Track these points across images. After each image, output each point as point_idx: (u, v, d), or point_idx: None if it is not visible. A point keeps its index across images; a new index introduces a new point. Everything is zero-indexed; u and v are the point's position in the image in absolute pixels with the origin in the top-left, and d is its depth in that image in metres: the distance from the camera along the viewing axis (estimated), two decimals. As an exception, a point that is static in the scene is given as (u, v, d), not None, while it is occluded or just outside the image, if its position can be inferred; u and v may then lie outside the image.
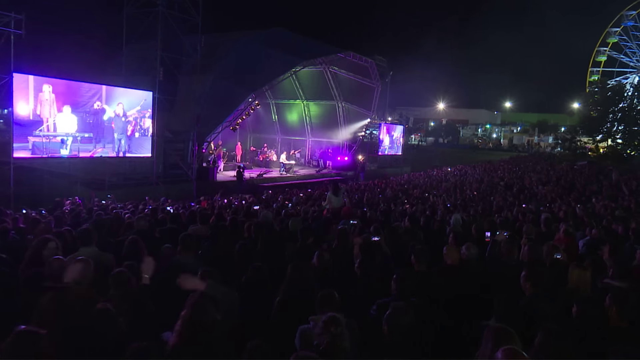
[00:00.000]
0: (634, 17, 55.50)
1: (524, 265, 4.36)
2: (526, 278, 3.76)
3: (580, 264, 4.10)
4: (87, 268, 3.41)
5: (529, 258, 4.52)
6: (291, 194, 19.35)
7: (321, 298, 3.16)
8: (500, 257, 4.82)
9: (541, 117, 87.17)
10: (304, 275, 3.57)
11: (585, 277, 3.98)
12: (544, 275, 3.78)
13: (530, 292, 3.73)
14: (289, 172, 26.97)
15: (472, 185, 24.03)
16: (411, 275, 3.53)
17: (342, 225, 6.21)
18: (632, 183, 23.70)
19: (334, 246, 5.18)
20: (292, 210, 10.34)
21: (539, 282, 3.72)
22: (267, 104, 32.38)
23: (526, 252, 4.62)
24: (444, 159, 46.97)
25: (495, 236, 4.91)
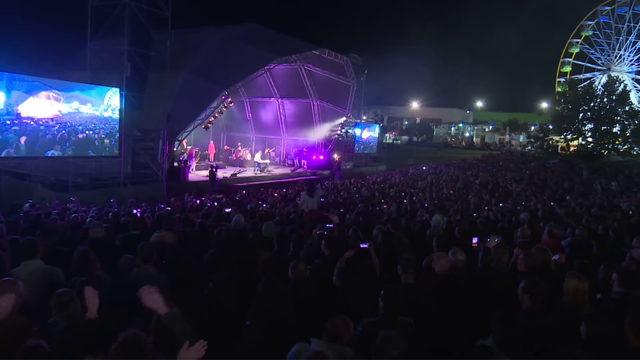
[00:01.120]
0: (592, 27, 57.19)
1: (520, 275, 4.06)
2: (525, 290, 3.44)
3: (577, 274, 3.81)
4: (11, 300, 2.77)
5: (525, 267, 4.21)
6: (266, 194, 18.87)
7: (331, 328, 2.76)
8: (492, 265, 4.49)
9: (511, 116, 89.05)
10: (277, 294, 3.14)
11: (582, 289, 3.69)
12: (543, 287, 3.46)
13: (527, 304, 3.41)
14: (263, 172, 26.43)
15: (448, 184, 24.03)
16: (400, 292, 3.15)
17: (320, 230, 5.81)
18: (602, 181, 24.15)
19: (314, 256, 4.75)
20: (266, 212, 9.85)
21: (539, 295, 3.40)
22: (241, 101, 31.71)
23: (522, 260, 4.30)
24: (419, 157, 47.20)
25: (487, 243, 4.57)
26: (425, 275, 4.20)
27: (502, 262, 4.77)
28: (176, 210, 12.11)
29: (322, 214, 9.16)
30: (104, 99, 17.21)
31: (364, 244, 4.77)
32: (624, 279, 4.01)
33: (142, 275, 3.82)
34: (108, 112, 17.37)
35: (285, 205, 12.17)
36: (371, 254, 4.77)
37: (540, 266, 4.23)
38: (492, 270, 4.33)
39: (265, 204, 12.88)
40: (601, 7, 56.12)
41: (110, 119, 17.54)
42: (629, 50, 55.37)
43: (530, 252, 4.31)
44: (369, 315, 3.19)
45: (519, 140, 76.04)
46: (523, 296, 3.43)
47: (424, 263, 4.70)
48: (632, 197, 18.03)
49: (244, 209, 11.83)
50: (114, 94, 17.45)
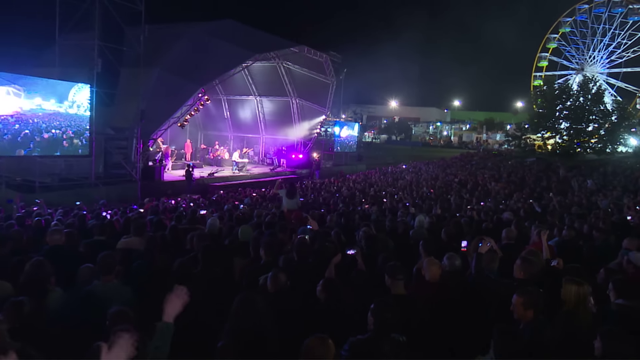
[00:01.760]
0: (570, 24, 58.38)
1: (518, 282, 3.79)
2: (524, 303, 3.13)
3: (575, 279, 3.55)
4: None
5: (524, 274, 3.92)
6: (244, 194, 18.42)
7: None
8: (486, 272, 4.20)
9: (488, 116, 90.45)
10: (255, 312, 2.77)
11: (584, 295, 3.44)
12: (543, 299, 3.17)
13: (529, 319, 3.11)
14: (241, 171, 25.91)
15: (428, 183, 23.97)
16: (392, 307, 2.83)
17: (301, 234, 5.46)
18: (578, 178, 24.44)
19: (295, 263, 4.36)
20: (243, 213, 9.43)
21: (540, 308, 3.12)
22: (219, 99, 31.07)
23: (520, 266, 4.00)
24: (398, 156, 47.25)
25: (479, 248, 4.28)
26: (416, 284, 3.89)
27: (493, 267, 4.52)
28: (149, 212, 11.60)
29: (302, 215, 8.81)
30: (68, 95, 16.37)
31: (351, 250, 4.43)
32: (622, 290, 3.77)
33: (102, 289, 3.41)
34: (74, 109, 16.54)
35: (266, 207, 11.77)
36: (358, 262, 4.44)
37: (539, 272, 3.96)
38: (488, 278, 4.05)
39: (242, 204, 12.46)
40: (579, 5, 57.18)
41: (77, 116, 16.70)
42: (602, 52, 56.65)
43: (529, 257, 4.04)
44: (357, 331, 2.87)
45: (495, 138, 77.11)
46: (526, 312, 3.12)
47: (414, 270, 4.40)
48: (608, 194, 18.19)
49: (221, 210, 11.40)
50: (80, 90, 16.63)
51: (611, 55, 56.55)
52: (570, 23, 58.72)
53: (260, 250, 4.44)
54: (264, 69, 28.67)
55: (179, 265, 3.84)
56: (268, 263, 4.24)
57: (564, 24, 59.27)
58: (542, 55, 60.83)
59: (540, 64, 60.80)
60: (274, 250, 4.41)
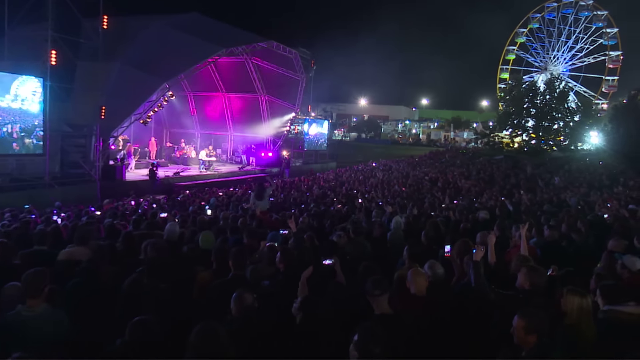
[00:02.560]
0: (538, 20, 59.84)
1: (523, 294, 3.38)
2: (526, 327, 2.69)
3: (578, 290, 3.20)
4: None
5: (530, 284, 3.48)
6: (211, 194, 17.69)
7: None
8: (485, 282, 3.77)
9: (455, 114, 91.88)
10: (216, 344, 2.25)
11: (587, 308, 3.09)
12: (547, 321, 2.75)
13: (531, 344, 2.68)
14: (209, 170, 25.09)
15: (399, 181, 23.80)
16: (379, 338, 2.35)
17: (271, 241, 4.94)
18: (546, 176, 24.80)
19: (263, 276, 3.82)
20: (208, 216, 8.81)
21: (545, 331, 2.71)
22: (185, 96, 30.11)
23: (526, 276, 3.52)
24: (368, 154, 47.21)
25: (474, 255, 3.84)
26: (402, 299, 3.43)
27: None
28: (108, 215, 10.82)
29: (271, 217, 8.26)
30: (9, 88, 15.13)
31: (328, 260, 3.94)
32: (610, 296, 3.44)
33: (24, 317, 2.79)
34: (17, 104, 15.25)
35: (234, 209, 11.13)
36: (337, 273, 3.96)
37: (545, 282, 3.55)
38: (489, 290, 3.59)
39: (208, 205, 11.80)
40: (548, 3, 58.61)
41: (21, 111, 15.45)
42: (565, 53, 58.24)
43: (534, 266, 3.62)
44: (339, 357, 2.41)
45: (463, 137, 78.37)
46: (526, 336, 2.69)
47: (395, 278, 3.96)
48: (576, 191, 18.40)
49: (185, 212, 10.73)
50: (23, 83, 15.37)
51: (573, 58, 58.22)
52: (539, 19, 60.12)
53: (223, 260, 3.89)
54: (232, 64, 27.94)
55: (130, 282, 3.26)
56: (237, 277, 3.71)
57: (533, 19, 60.66)
58: (510, 49, 62.06)
59: (508, 57, 62.01)
60: (244, 261, 3.87)
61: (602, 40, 56.36)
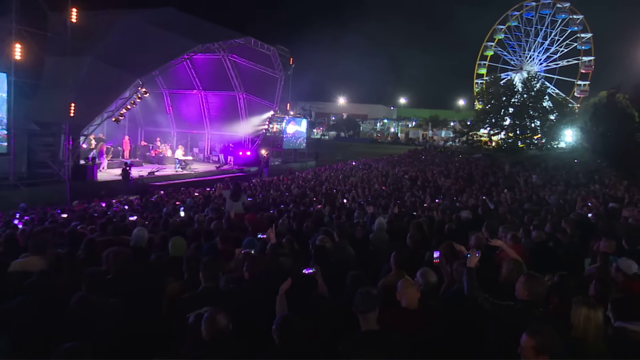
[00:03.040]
0: (517, 18, 60.79)
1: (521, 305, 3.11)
2: (536, 347, 2.41)
3: (586, 301, 2.95)
4: None
5: (529, 294, 3.20)
6: (187, 195, 17.15)
7: None
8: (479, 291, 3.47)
9: (432, 113, 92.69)
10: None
11: (597, 321, 2.84)
12: (559, 340, 2.48)
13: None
14: (185, 169, 24.45)
15: (379, 179, 23.63)
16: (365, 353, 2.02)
17: (247, 247, 4.56)
18: (524, 174, 24.98)
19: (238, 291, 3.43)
20: (181, 218, 8.35)
21: (557, 351, 2.44)
22: (160, 93, 29.34)
23: (524, 285, 3.20)
24: (347, 152, 47.07)
25: (468, 260, 3.53)
26: (392, 314, 3.11)
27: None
28: (76, 217, 10.27)
29: (257, 218, 7.81)
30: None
31: (309, 269, 3.60)
32: (622, 311, 3.20)
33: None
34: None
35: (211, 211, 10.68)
36: (319, 284, 3.63)
37: (545, 292, 3.27)
38: (484, 300, 3.30)
39: (183, 206, 11.32)
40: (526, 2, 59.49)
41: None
42: (540, 54, 59.20)
43: (534, 274, 3.35)
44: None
45: (441, 135, 79.06)
46: (536, 357, 2.40)
47: (379, 286, 3.65)
48: (554, 189, 18.50)
49: (158, 214, 10.25)
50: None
51: (547, 60, 59.20)
52: (517, 17, 61.00)
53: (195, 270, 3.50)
54: (208, 61, 27.36)
55: (78, 299, 2.84)
56: (208, 291, 3.34)
57: (499, 30, 61.67)
58: (488, 45, 62.80)
59: (486, 53, 62.73)
60: (215, 273, 3.50)
61: (577, 45, 57.43)
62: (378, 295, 2.82)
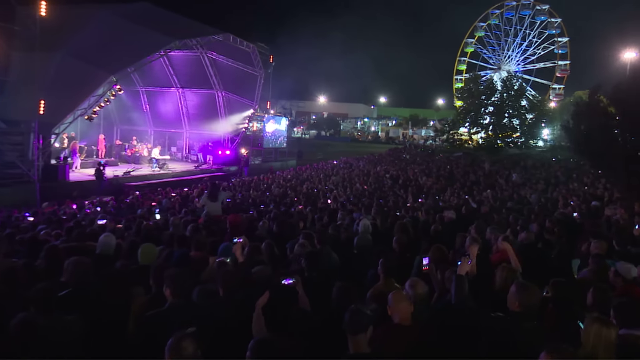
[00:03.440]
0: (497, 17, 61.56)
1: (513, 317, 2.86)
2: None
3: (600, 317, 2.71)
4: None
5: (520, 305, 2.90)
6: (164, 195, 16.62)
7: None
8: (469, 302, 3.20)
9: (412, 112, 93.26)
10: None
11: (609, 339, 2.60)
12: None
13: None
14: (162, 169, 23.81)
15: (360, 179, 23.45)
16: None
17: (223, 254, 4.21)
18: (503, 173, 25.12)
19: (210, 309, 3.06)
20: (156, 220, 7.93)
21: None
22: (136, 91, 28.59)
23: (516, 295, 2.94)
24: (328, 151, 46.89)
25: (458, 267, 3.28)
26: (382, 332, 2.81)
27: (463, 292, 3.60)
28: (44, 220, 9.76)
29: (239, 218, 7.43)
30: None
31: (288, 280, 3.28)
32: (627, 317, 3.00)
33: None
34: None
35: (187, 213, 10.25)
36: (300, 296, 3.32)
37: (539, 303, 3.04)
38: (473, 312, 3.05)
39: (159, 207, 10.87)
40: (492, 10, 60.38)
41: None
42: (516, 51, 60.05)
43: (526, 284, 3.11)
44: None
45: (421, 134, 79.59)
46: None
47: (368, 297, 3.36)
48: (534, 187, 18.56)
49: (133, 215, 9.79)
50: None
51: (525, 61, 60.11)
52: (485, 27, 62.00)
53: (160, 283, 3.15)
54: (186, 58, 26.76)
55: (20, 321, 2.44)
56: (175, 308, 2.98)
57: (480, 28, 62.43)
58: (462, 60, 63.71)
59: (460, 68, 63.70)
60: (183, 288, 3.14)
61: (554, 48, 58.45)
62: (371, 315, 2.53)
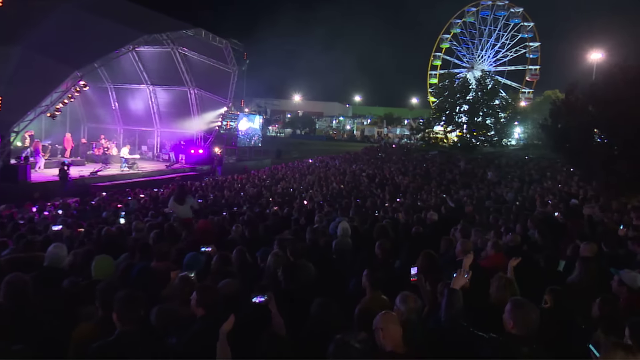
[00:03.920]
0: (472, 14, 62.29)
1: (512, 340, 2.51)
2: None
3: (623, 343, 2.39)
4: None
5: (515, 327, 2.55)
6: (133, 196, 15.90)
7: None
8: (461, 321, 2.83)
9: (387, 111, 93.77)
10: None
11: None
12: None
13: None
14: (132, 168, 22.95)
15: (336, 178, 23.13)
16: None
17: (187, 267, 3.74)
18: (478, 171, 25.21)
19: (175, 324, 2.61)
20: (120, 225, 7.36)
21: None
22: (104, 88, 27.56)
23: (512, 316, 2.59)
24: (303, 150, 46.50)
25: (453, 280, 2.90)
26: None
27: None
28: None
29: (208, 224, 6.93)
30: None
31: (259, 298, 2.85)
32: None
33: None
34: None
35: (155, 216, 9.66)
36: (273, 315, 2.89)
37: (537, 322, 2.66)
38: (466, 333, 2.68)
39: (126, 210, 10.25)
40: (468, 8, 61.16)
41: None
42: (489, 51, 60.97)
43: (521, 301, 2.71)
44: None
45: (396, 132, 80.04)
46: None
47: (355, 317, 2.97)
48: (509, 185, 18.58)
49: (95, 220, 9.17)
50: None
51: (497, 54, 61.11)
52: (461, 24, 62.72)
53: (109, 305, 2.67)
54: (157, 54, 25.90)
55: None
56: (124, 337, 2.51)
57: (455, 25, 63.16)
58: (437, 55, 64.42)
59: (435, 63, 64.38)
60: (134, 313, 2.61)
61: (525, 52, 59.73)
62: (361, 349, 2.14)
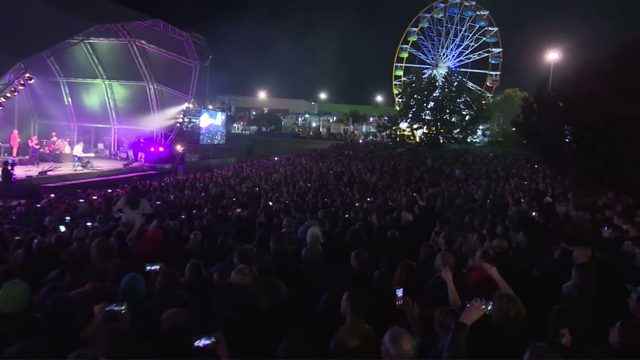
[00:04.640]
0: (428, 20, 62.95)
1: None
2: None
3: None
4: None
5: None
6: (84, 197, 14.74)
7: None
8: None
9: (352, 108, 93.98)
10: None
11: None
12: None
13: None
14: (86, 167, 21.57)
15: (303, 176, 22.53)
16: None
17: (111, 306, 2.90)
18: (445, 168, 25.16)
19: None
20: (59, 234, 6.49)
21: None
22: (56, 82, 25.97)
23: None
24: (269, 148, 45.66)
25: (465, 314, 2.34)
26: None
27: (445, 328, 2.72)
28: None
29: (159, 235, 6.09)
30: None
31: (204, 341, 2.16)
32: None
33: None
34: None
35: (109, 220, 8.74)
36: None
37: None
38: None
39: (69, 216, 9.26)
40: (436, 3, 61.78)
41: None
42: (453, 51, 61.84)
43: (542, 348, 2.17)
44: None
45: (362, 130, 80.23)
46: None
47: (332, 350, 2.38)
48: (477, 183, 18.46)
49: (34, 227, 8.19)
50: None
51: (460, 55, 62.08)
52: (428, 19, 63.37)
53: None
54: (112, 47, 24.55)
55: None
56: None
57: (423, 19, 63.74)
58: (404, 47, 64.78)
59: (402, 55, 64.81)
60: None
61: (485, 38, 60.86)
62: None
